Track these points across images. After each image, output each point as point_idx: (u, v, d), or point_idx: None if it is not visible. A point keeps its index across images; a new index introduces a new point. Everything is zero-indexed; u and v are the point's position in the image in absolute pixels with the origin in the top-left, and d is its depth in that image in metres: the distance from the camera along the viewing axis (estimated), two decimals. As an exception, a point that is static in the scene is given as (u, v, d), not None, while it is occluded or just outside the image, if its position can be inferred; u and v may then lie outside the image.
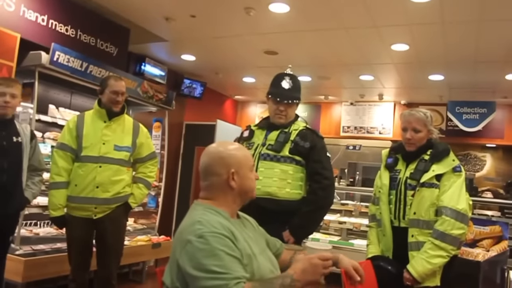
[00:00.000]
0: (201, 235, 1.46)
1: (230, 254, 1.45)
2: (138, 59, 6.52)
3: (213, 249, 1.43)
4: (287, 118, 2.76)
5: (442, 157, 2.53)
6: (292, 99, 2.75)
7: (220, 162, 1.65)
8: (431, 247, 2.39)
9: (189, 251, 1.45)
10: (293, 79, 2.79)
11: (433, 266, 2.38)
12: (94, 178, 3.13)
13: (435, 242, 2.38)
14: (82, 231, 3.19)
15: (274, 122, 2.78)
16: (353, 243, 5.57)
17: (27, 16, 4.11)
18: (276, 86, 2.79)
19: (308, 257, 1.55)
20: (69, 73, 4.28)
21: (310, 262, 1.52)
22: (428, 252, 2.39)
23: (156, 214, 5.78)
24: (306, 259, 1.55)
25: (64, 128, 3.29)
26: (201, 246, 1.44)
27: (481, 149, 8.35)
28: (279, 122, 2.76)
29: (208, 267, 1.40)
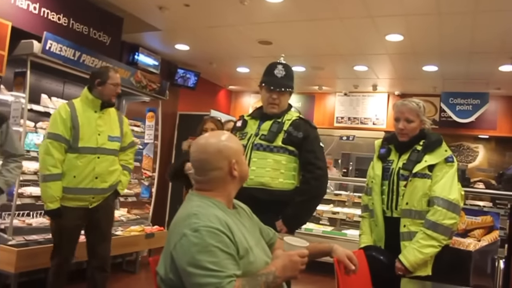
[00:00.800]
0: (196, 229, 1.45)
1: (224, 251, 1.44)
2: (132, 49, 6.47)
3: (207, 245, 1.42)
4: (280, 107, 2.74)
5: (435, 147, 2.53)
6: (285, 87, 2.73)
7: (219, 156, 1.62)
8: (423, 237, 2.40)
9: (183, 245, 1.45)
10: (286, 68, 2.77)
11: (425, 255, 2.40)
12: (93, 169, 3.17)
13: (427, 232, 2.40)
14: (76, 220, 3.21)
15: (267, 112, 2.77)
16: (346, 233, 5.60)
17: (19, 4, 4.06)
18: (269, 74, 2.77)
19: (288, 254, 1.60)
20: (62, 62, 4.23)
21: (290, 259, 1.58)
22: (420, 242, 2.40)
23: (149, 204, 5.77)
24: (286, 256, 1.60)
25: (56, 118, 3.17)
26: (196, 240, 1.43)
27: (474, 140, 8.40)
28: (272, 111, 2.74)
29: (202, 263, 1.40)
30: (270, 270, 1.54)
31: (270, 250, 1.77)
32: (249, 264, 1.53)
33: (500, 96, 7.65)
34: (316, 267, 2.53)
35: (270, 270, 1.54)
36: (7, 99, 4.13)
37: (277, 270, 1.54)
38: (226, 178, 1.65)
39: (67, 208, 3.15)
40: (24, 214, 4.21)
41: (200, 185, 1.67)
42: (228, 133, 1.74)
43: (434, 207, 2.42)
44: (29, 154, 4.09)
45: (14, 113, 4.07)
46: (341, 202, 6.09)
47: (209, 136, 1.69)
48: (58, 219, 3.18)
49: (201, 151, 1.64)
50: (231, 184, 1.67)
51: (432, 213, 2.42)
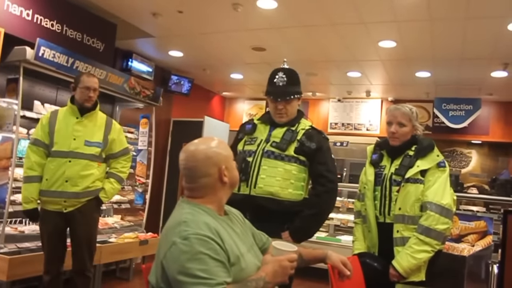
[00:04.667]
0: (186, 237, 1.44)
1: (214, 258, 1.43)
2: (125, 55, 6.46)
3: (197, 253, 1.41)
4: (288, 116, 2.66)
5: (427, 152, 2.54)
6: (288, 95, 2.63)
7: (208, 162, 1.61)
8: (416, 242, 2.40)
9: (173, 253, 1.44)
10: (288, 74, 2.66)
11: (418, 261, 2.40)
12: (64, 172, 3.20)
13: (420, 237, 2.40)
14: (53, 224, 3.25)
15: (276, 121, 2.68)
16: (340, 239, 5.60)
17: (12, 11, 4.05)
18: (270, 83, 2.68)
19: (277, 259, 1.60)
20: (55, 68, 4.23)
21: (280, 264, 1.58)
22: (413, 247, 2.40)
23: (143, 211, 5.75)
24: (275, 261, 1.60)
25: (38, 124, 3.36)
26: (186, 248, 1.42)
27: (467, 146, 8.44)
28: (280, 121, 2.66)
29: (192, 271, 1.39)
30: (260, 276, 1.54)
31: (264, 255, 1.76)
32: (240, 271, 1.52)
33: (492, 102, 7.70)
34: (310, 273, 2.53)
35: (260, 276, 1.54)
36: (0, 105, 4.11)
37: (267, 275, 1.54)
38: (216, 185, 1.63)
39: (46, 211, 3.26)
40: (16, 221, 4.18)
41: (190, 192, 1.65)
42: (218, 139, 1.72)
43: (427, 212, 2.43)
44: (22, 161, 4.05)
45: (6, 119, 4.04)
46: (336, 208, 6.09)
47: (198, 142, 1.68)
48: (35, 220, 3.36)
49: (190, 159, 1.63)
50: (222, 190, 1.65)
51: (425, 218, 2.42)
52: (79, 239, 3.32)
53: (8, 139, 3.98)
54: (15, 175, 3.94)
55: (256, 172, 2.55)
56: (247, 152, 2.64)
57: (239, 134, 2.83)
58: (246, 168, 2.56)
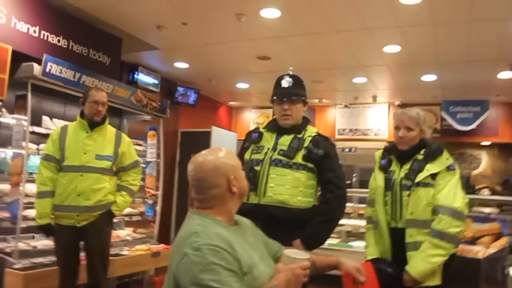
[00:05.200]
0: (197, 247, 1.43)
1: (227, 268, 1.42)
2: (131, 68, 6.51)
3: (209, 263, 1.41)
4: (293, 119, 2.65)
5: (436, 156, 2.52)
6: (294, 96, 2.64)
7: (217, 173, 1.61)
8: (430, 246, 2.38)
9: (185, 265, 1.43)
10: (293, 77, 2.68)
11: (432, 265, 2.37)
12: (76, 187, 3.21)
13: (433, 241, 2.37)
14: (67, 238, 3.26)
15: (281, 124, 2.67)
16: (352, 245, 5.57)
17: (19, 28, 4.10)
18: (276, 87, 2.70)
19: (290, 268, 1.59)
20: (62, 84, 4.26)
21: (293, 272, 1.58)
22: (427, 252, 2.37)
23: (154, 222, 5.75)
24: (288, 269, 1.59)
25: (48, 140, 3.39)
26: (198, 259, 1.41)
27: (477, 147, 8.38)
28: (285, 123, 2.65)
29: (205, 282, 1.38)
30: (273, 285, 1.53)
31: (276, 264, 1.75)
32: (253, 280, 1.51)
33: (500, 103, 7.66)
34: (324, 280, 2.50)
35: (273, 284, 1.53)
36: (9, 122, 4.14)
37: (280, 284, 1.53)
38: (226, 195, 1.63)
39: (60, 226, 3.27)
40: (29, 237, 4.19)
41: (200, 203, 1.65)
42: (226, 149, 1.72)
43: (439, 215, 2.40)
44: (32, 176, 4.08)
45: (16, 135, 4.08)
46: (346, 214, 6.05)
47: (207, 153, 1.68)
48: (49, 235, 3.36)
49: (198, 170, 1.63)
50: (231, 200, 1.65)
51: (437, 222, 2.40)
52: (93, 252, 3.33)
53: (18, 155, 4.01)
54: (26, 190, 3.96)
55: (265, 181, 2.54)
56: (255, 161, 2.63)
57: (245, 143, 2.82)
58: (254, 177, 2.55)
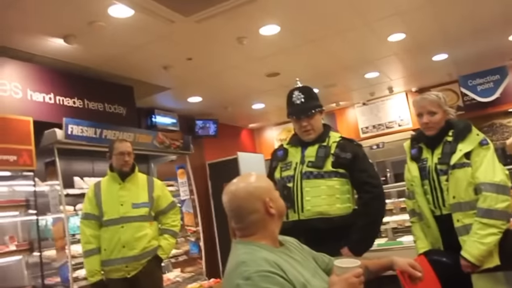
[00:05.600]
0: (248, 277, 1.42)
1: None
2: (148, 112, 6.63)
3: None
4: (315, 131, 2.65)
5: (466, 134, 2.47)
6: (309, 110, 2.63)
7: (252, 199, 1.61)
8: (480, 227, 2.30)
9: None
10: (303, 90, 2.68)
11: (488, 246, 2.29)
12: (119, 239, 3.26)
13: (483, 221, 2.30)
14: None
15: (304, 140, 2.67)
16: (402, 241, 5.45)
17: (35, 99, 4.24)
18: (289, 104, 2.70)
19: (344, 278, 1.55)
20: (86, 142, 4.37)
21: (347, 282, 1.53)
22: (479, 233, 2.30)
23: (200, 259, 5.76)
24: (343, 280, 1.55)
25: (85, 199, 3.46)
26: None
27: (505, 116, 8.15)
28: (308, 138, 2.65)
29: None
30: None
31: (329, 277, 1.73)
32: None
33: (519, 65, 7.48)
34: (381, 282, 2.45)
35: None
36: (44, 189, 4.26)
37: None
38: (265, 219, 1.62)
39: (111, 280, 3.30)
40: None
41: (242, 232, 1.65)
42: (256, 174, 1.72)
43: (483, 193, 2.33)
44: (75, 237, 4.16)
45: (52, 201, 4.18)
46: (388, 211, 5.95)
47: (238, 181, 1.68)
48: None
49: (233, 199, 1.64)
50: (271, 222, 1.64)
51: (483, 200, 2.33)
52: None
53: (58, 219, 4.10)
54: (72, 252, 4.04)
55: (300, 196, 2.53)
56: (286, 178, 2.63)
57: (272, 163, 2.82)
58: (289, 195, 2.54)
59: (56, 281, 4.09)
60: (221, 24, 4.23)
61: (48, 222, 4.31)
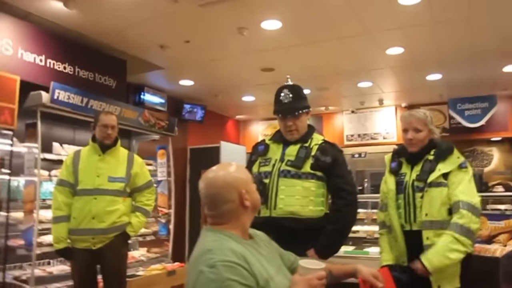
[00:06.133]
0: (213, 265, 1.43)
1: (243, 283, 1.42)
2: (137, 89, 6.58)
3: (225, 280, 1.40)
4: (299, 132, 2.64)
5: (447, 155, 2.50)
6: (296, 111, 2.62)
7: (228, 188, 1.61)
8: (451, 240, 2.32)
9: (202, 282, 1.43)
10: (293, 90, 2.65)
11: (450, 261, 2.32)
12: (90, 210, 3.24)
13: (455, 235, 2.32)
14: (83, 262, 3.28)
15: (287, 139, 2.66)
16: (368, 251, 5.52)
17: (25, 58, 4.17)
18: (277, 102, 2.68)
19: (306, 279, 1.56)
20: (71, 109, 4.33)
21: (309, 283, 1.55)
22: (448, 246, 2.32)
23: (168, 241, 5.76)
24: (305, 280, 1.56)
25: (63, 165, 3.44)
26: (214, 276, 1.41)
27: (487, 144, 8.30)
28: (292, 138, 2.64)
29: None
30: None
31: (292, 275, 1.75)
32: None
33: (508, 97, 7.60)
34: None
35: None
36: (21, 150, 4.20)
37: None
38: (239, 210, 1.63)
39: (76, 249, 3.29)
40: (45, 263, 4.22)
41: (213, 219, 1.65)
42: (236, 164, 1.72)
43: (460, 211, 2.36)
44: (45, 203, 4.13)
45: (28, 163, 4.14)
46: (360, 220, 6.01)
47: (217, 169, 1.68)
48: (68, 259, 3.42)
49: (210, 186, 1.63)
50: (244, 215, 1.65)
51: (460, 217, 2.35)
52: (109, 275, 3.34)
53: (31, 182, 4.06)
54: (40, 217, 4.00)
55: (275, 193, 2.53)
56: (263, 173, 2.62)
57: (252, 156, 2.81)
58: (264, 191, 2.53)
59: (20, 243, 4.06)
60: (224, 12, 4.21)
61: (20, 184, 4.26)
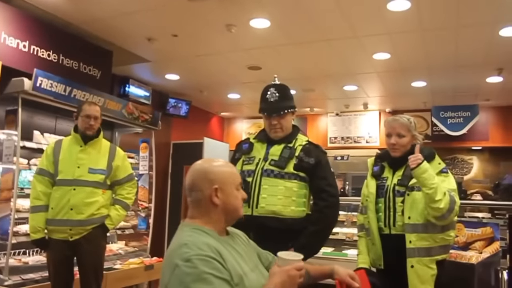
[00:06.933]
0: (188, 258, 1.43)
1: (218, 276, 1.43)
2: (122, 81, 6.51)
3: (201, 273, 1.40)
4: (283, 131, 2.64)
5: (428, 161, 2.51)
6: (281, 110, 2.62)
7: (203, 178, 1.63)
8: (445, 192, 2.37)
9: (177, 276, 1.43)
10: (279, 89, 2.65)
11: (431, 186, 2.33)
12: (68, 201, 3.20)
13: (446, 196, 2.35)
14: (59, 253, 3.24)
15: (272, 137, 2.66)
16: (347, 253, 5.56)
17: (8, 43, 4.09)
18: (263, 100, 2.68)
19: (285, 270, 1.55)
20: (53, 98, 4.25)
21: (288, 274, 1.54)
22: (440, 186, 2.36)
23: (147, 235, 5.72)
24: (283, 271, 1.55)
25: (43, 154, 3.39)
26: (189, 270, 1.41)
27: (468, 152, 8.44)
28: (276, 136, 2.64)
29: None
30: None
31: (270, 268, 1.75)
32: None
33: (490, 107, 7.73)
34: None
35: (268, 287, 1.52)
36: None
37: (275, 287, 1.51)
38: (207, 204, 1.62)
39: (52, 240, 3.26)
40: (20, 252, 4.15)
41: (189, 210, 1.66)
42: (228, 164, 1.73)
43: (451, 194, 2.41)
44: (23, 191, 4.06)
45: (6, 151, 4.05)
46: (340, 222, 6.05)
47: (204, 161, 1.72)
48: (44, 249, 3.39)
49: (190, 173, 1.67)
50: (214, 212, 1.63)
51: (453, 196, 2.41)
52: (86, 267, 3.30)
53: (9, 170, 3.98)
54: (17, 206, 3.93)
55: (257, 192, 2.53)
56: (246, 172, 2.62)
57: (236, 154, 2.80)
58: (247, 189, 2.52)
59: (-5, 232, 3.98)
60: (213, 8, 4.18)
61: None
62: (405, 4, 3.99)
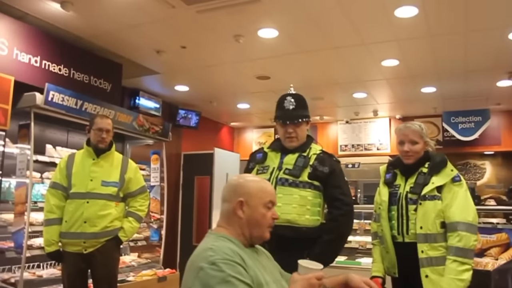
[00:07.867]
0: (213, 262, 1.47)
1: (242, 281, 1.45)
2: (132, 93, 6.56)
3: (225, 276, 1.43)
4: (298, 140, 2.65)
5: (440, 168, 2.51)
6: (298, 118, 2.63)
7: (232, 190, 1.71)
8: (457, 265, 2.32)
9: (202, 279, 1.45)
10: (296, 98, 2.67)
11: (465, 282, 2.31)
12: (82, 214, 3.22)
13: (458, 259, 2.32)
14: (74, 266, 3.26)
15: (286, 146, 2.67)
16: (360, 261, 5.50)
17: (20, 59, 4.15)
18: (279, 108, 2.69)
19: (306, 277, 1.58)
20: (65, 111, 4.30)
21: (308, 282, 1.57)
22: (456, 269, 2.32)
23: (159, 247, 5.72)
24: (304, 279, 1.58)
25: (57, 168, 3.43)
26: (214, 273, 1.44)
27: (480, 157, 8.35)
28: (291, 145, 2.65)
29: None
30: None
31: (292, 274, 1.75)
32: None
33: (501, 111, 7.66)
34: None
35: None
36: (13, 151, 4.17)
37: None
38: (233, 216, 1.68)
39: (66, 253, 3.28)
40: (34, 266, 4.18)
41: (218, 220, 1.73)
42: (261, 179, 1.80)
43: (458, 232, 2.36)
44: (37, 205, 4.09)
45: (20, 165, 4.10)
46: (353, 230, 5.98)
47: (240, 176, 1.81)
48: (59, 261, 3.42)
49: (225, 185, 1.76)
50: (239, 224, 1.67)
51: (458, 240, 2.35)
52: (99, 279, 3.31)
53: (22, 184, 4.02)
54: (31, 219, 3.96)
55: None
56: None
57: (249, 164, 2.81)
58: None
59: (9, 245, 4.01)
60: (221, 19, 4.21)
61: (11, 185, 4.22)
62: (413, 11, 3.99)
